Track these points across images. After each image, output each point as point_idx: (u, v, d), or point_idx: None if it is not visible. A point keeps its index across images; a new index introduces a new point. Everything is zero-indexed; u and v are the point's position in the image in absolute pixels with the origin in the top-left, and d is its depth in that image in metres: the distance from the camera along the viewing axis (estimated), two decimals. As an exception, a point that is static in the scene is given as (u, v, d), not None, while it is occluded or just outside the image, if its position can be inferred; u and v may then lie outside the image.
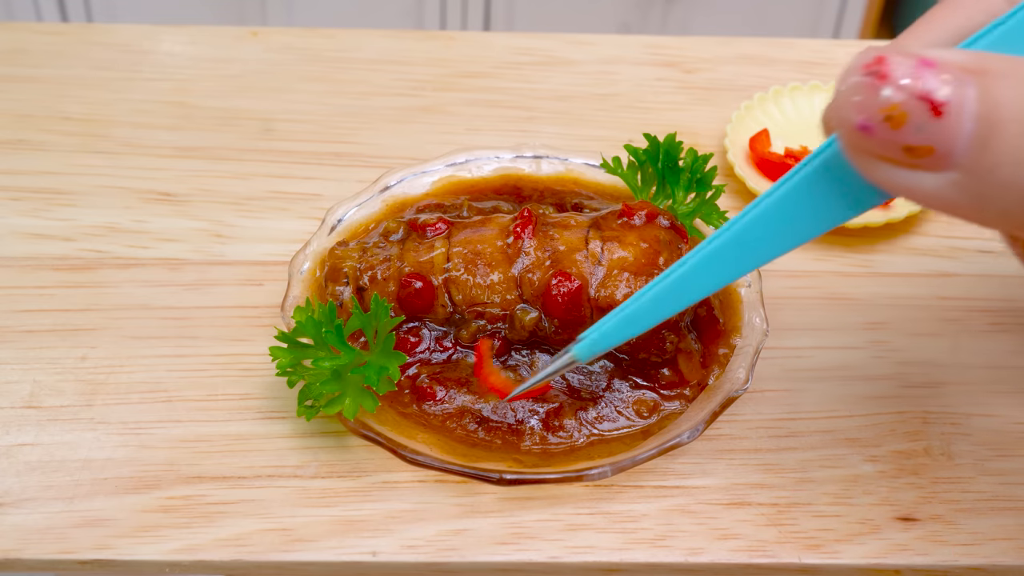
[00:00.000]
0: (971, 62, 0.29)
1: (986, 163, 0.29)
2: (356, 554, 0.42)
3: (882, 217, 0.56)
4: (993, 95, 0.29)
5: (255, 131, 0.62)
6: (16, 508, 0.43)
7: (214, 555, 0.42)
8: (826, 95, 0.64)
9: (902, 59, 0.29)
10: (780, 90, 0.64)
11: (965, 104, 0.29)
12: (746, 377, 0.46)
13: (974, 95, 0.29)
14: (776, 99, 0.64)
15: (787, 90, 0.64)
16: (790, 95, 0.64)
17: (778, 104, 0.64)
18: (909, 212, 0.56)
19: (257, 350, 0.49)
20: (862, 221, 0.55)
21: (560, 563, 0.43)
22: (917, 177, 0.30)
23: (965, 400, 0.49)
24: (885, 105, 0.29)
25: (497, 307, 0.47)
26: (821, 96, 0.64)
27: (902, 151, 0.30)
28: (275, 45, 0.68)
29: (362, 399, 0.43)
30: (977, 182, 0.29)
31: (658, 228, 0.47)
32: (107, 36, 0.68)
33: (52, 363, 0.49)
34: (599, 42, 0.70)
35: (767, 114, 0.63)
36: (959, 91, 0.29)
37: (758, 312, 0.49)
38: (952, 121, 0.29)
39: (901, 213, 0.56)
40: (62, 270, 0.53)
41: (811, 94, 0.64)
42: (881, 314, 0.53)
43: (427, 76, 0.66)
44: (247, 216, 0.57)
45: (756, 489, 0.45)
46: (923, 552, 0.43)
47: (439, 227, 0.49)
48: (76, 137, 0.61)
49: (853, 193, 0.33)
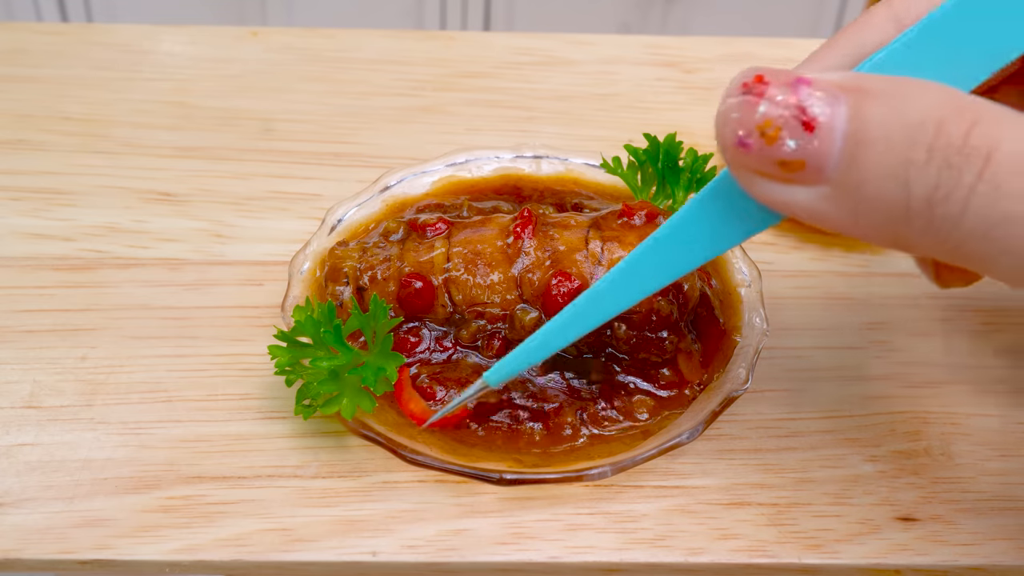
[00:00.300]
0: (847, 81, 0.31)
1: (854, 179, 0.30)
2: (356, 554, 0.42)
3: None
4: (863, 113, 0.30)
5: (255, 131, 0.62)
6: (16, 508, 0.43)
7: (214, 555, 0.42)
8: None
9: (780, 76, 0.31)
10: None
11: (836, 121, 0.30)
12: (746, 377, 0.46)
13: (844, 113, 0.30)
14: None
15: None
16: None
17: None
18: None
19: (257, 350, 0.49)
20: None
21: (560, 563, 0.43)
22: (792, 192, 0.31)
23: (965, 400, 0.49)
24: (760, 121, 0.30)
25: (497, 307, 0.47)
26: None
27: (776, 166, 0.31)
28: (275, 45, 0.68)
29: (360, 399, 0.43)
30: (847, 197, 0.30)
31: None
32: (107, 36, 0.68)
33: (52, 363, 0.49)
34: (599, 42, 0.70)
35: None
36: (831, 109, 0.30)
37: (758, 312, 0.49)
38: (823, 137, 0.30)
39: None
40: (62, 270, 0.53)
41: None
42: (881, 314, 0.53)
43: (427, 76, 0.66)
44: (247, 216, 0.57)
45: (756, 489, 0.45)
46: (923, 552, 0.43)
47: (439, 227, 0.49)
48: (76, 137, 0.61)
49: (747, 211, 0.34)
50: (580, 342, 0.47)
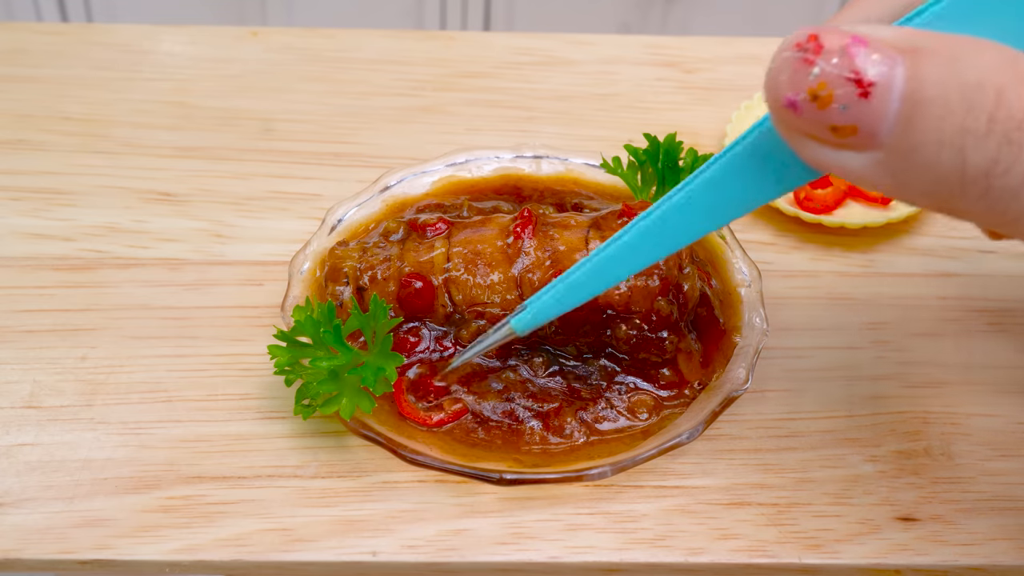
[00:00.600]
0: (903, 39, 0.29)
1: (908, 145, 0.29)
2: (356, 554, 0.42)
3: (882, 217, 0.56)
4: (919, 74, 0.28)
5: (255, 131, 0.62)
6: (16, 508, 0.43)
7: (214, 555, 0.42)
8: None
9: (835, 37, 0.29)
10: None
11: (892, 83, 0.29)
12: (746, 377, 0.46)
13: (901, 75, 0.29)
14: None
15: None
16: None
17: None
18: (909, 213, 0.56)
19: (257, 350, 0.49)
20: (862, 221, 0.55)
21: (560, 563, 0.43)
22: (843, 156, 0.30)
23: (965, 400, 0.49)
24: (813, 84, 0.29)
25: (497, 307, 0.47)
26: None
27: (828, 130, 0.29)
28: (275, 45, 0.68)
29: (359, 399, 0.43)
30: (899, 163, 0.29)
31: (658, 228, 0.47)
32: (107, 36, 0.68)
33: (52, 363, 0.49)
34: (599, 42, 0.70)
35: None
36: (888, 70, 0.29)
37: (758, 312, 0.49)
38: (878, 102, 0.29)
39: (901, 213, 0.56)
40: (62, 270, 0.53)
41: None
42: (881, 314, 0.53)
43: (427, 76, 0.66)
44: (247, 216, 0.57)
45: (756, 489, 0.45)
46: (923, 552, 0.43)
47: (439, 227, 0.49)
48: (76, 137, 0.61)
49: (785, 168, 0.33)
50: (580, 343, 0.47)
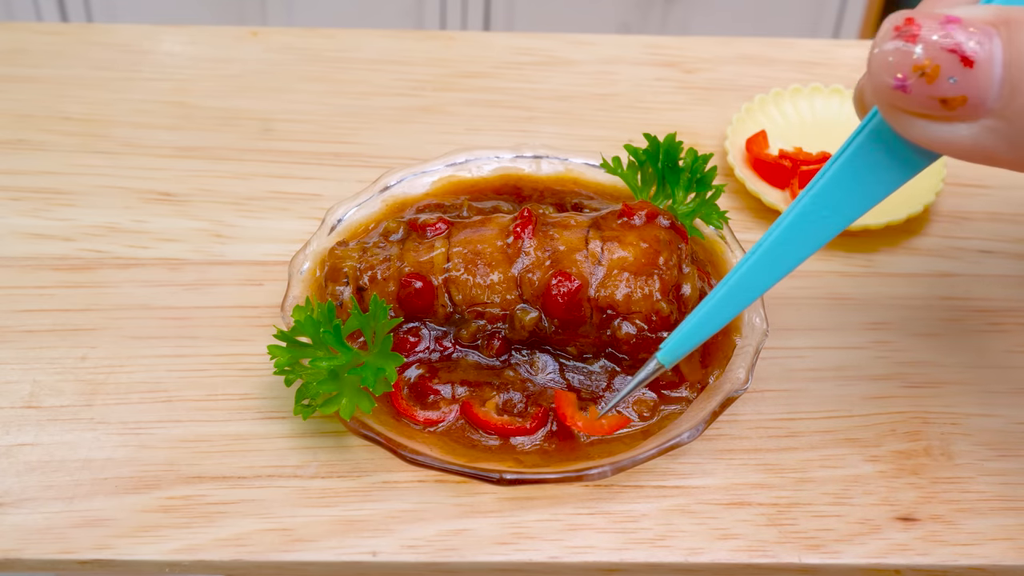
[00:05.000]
0: (993, 15, 0.31)
1: (1018, 106, 0.31)
2: (356, 554, 0.42)
3: (882, 218, 0.56)
4: (1017, 42, 0.31)
5: (255, 131, 0.62)
6: (16, 508, 0.43)
7: (214, 555, 0.42)
8: (826, 97, 0.64)
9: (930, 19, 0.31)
10: (781, 92, 0.64)
11: (993, 52, 0.31)
12: (746, 377, 0.46)
13: (1000, 44, 0.31)
14: (776, 101, 0.64)
15: (788, 92, 0.64)
16: (790, 97, 0.64)
17: (778, 106, 0.64)
18: (909, 214, 0.56)
19: (257, 350, 0.49)
20: (863, 223, 0.55)
21: (560, 563, 0.43)
22: (953, 129, 0.32)
23: (965, 400, 0.49)
24: (919, 62, 0.31)
25: (497, 307, 0.47)
26: (821, 99, 0.64)
27: (938, 104, 0.31)
28: (275, 45, 0.68)
29: (359, 399, 0.43)
30: (1010, 126, 0.31)
31: (658, 228, 0.47)
32: (107, 36, 0.68)
33: (52, 363, 0.49)
34: (599, 42, 0.70)
35: (768, 116, 0.63)
36: (986, 42, 0.31)
37: (758, 312, 0.49)
38: (982, 69, 0.31)
39: (901, 214, 0.56)
40: (62, 270, 0.53)
41: (811, 96, 0.64)
42: (881, 314, 0.53)
43: (427, 76, 0.66)
44: (247, 216, 0.57)
45: (756, 489, 0.45)
46: (923, 552, 0.43)
47: (439, 227, 0.49)
48: (76, 137, 0.61)
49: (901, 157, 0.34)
50: (580, 343, 0.47)
